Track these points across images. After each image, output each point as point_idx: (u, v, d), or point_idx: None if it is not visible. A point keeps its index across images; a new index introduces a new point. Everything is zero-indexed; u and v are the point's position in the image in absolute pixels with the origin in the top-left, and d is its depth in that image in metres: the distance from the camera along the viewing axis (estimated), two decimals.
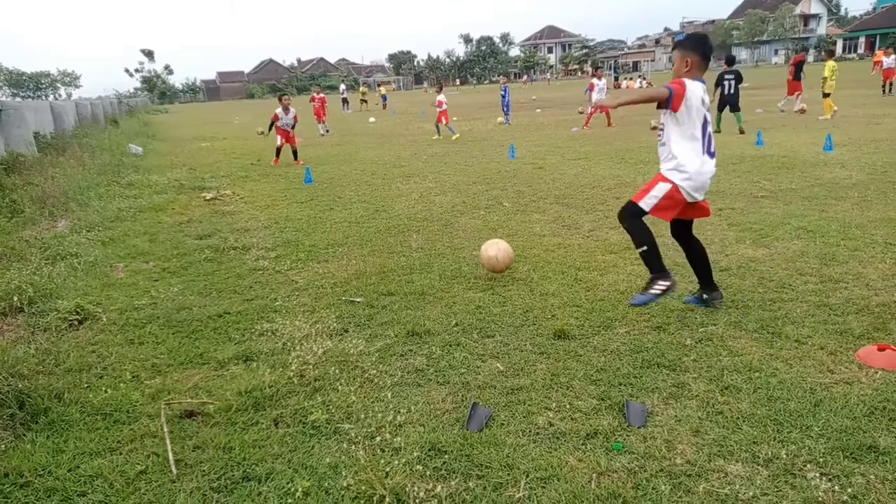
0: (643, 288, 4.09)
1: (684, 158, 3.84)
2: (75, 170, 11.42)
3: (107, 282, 5.68)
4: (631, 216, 3.96)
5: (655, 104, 3.88)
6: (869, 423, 2.83)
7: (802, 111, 16.64)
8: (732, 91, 14.37)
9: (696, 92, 3.79)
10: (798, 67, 18.20)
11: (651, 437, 2.83)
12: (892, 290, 4.36)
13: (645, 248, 3.94)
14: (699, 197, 3.94)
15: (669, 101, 3.77)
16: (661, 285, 3.95)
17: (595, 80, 18.30)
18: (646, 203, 3.91)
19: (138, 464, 2.86)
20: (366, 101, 39.85)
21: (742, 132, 13.78)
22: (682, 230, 4.18)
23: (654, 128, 6.74)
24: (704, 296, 4.25)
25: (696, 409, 3.04)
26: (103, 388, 3.58)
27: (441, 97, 17.96)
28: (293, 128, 13.71)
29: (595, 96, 17.85)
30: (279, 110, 13.33)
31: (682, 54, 3.92)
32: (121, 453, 2.96)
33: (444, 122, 17.61)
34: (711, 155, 3.92)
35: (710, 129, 3.91)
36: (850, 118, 15.51)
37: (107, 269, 6.11)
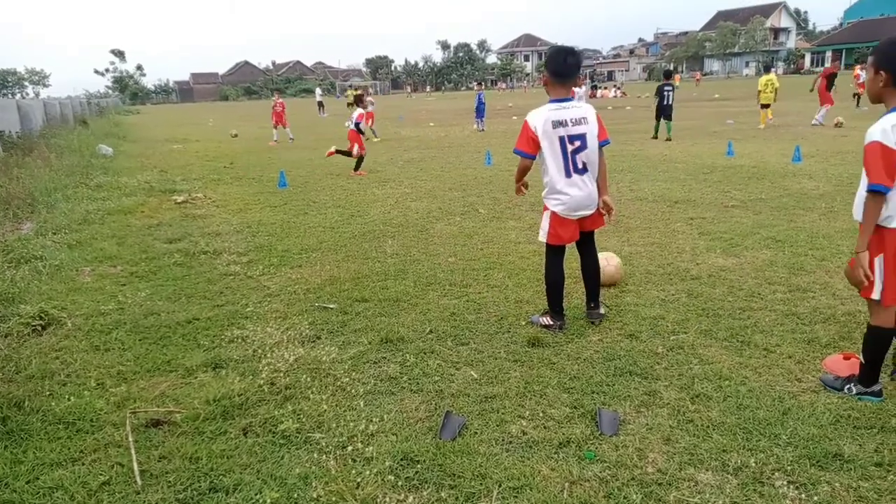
0: (542, 312, 4.34)
1: (551, 184, 4.03)
2: (42, 170, 11.15)
3: (72, 286, 5.53)
4: (547, 254, 4.23)
5: (528, 164, 4.13)
6: (835, 431, 2.87)
7: (838, 125, 16.14)
8: (669, 102, 15.47)
9: (539, 121, 3.91)
10: (830, 80, 17.72)
11: (623, 446, 2.84)
12: (858, 300, 4.45)
13: (546, 286, 4.25)
14: (583, 213, 4.06)
15: (527, 154, 4.03)
16: (548, 321, 4.21)
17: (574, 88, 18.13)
18: (543, 237, 4.15)
19: (101, 474, 2.77)
20: (353, 105, 39.10)
21: (669, 139, 15.06)
22: (580, 241, 4.24)
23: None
24: (587, 310, 4.36)
25: (667, 418, 3.06)
26: (66, 396, 3.47)
27: (369, 100, 20.14)
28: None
29: None
30: (361, 110, 12.40)
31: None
32: (83, 463, 2.87)
33: (369, 123, 19.14)
34: (580, 171, 3.96)
35: (573, 146, 3.93)
36: (819, 130, 15.89)
37: (73, 272, 5.95)
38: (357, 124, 12.23)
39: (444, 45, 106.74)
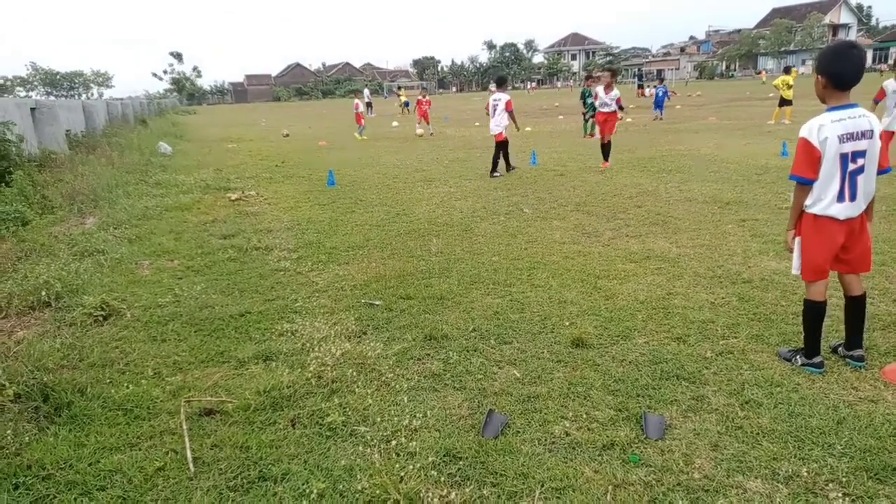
0: None
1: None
2: (104, 168, 11.65)
3: (132, 279, 5.77)
4: None
5: None
6: (894, 444, 2.76)
7: None
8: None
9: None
10: None
11: (669, 451, 2.80)
12: None
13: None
14: None
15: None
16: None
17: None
18: None
19: (157, 460, 2.90)
20: (407, 106, 38.63)
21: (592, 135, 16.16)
22: None
23: None
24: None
25: (715, 423, 3.00)
26: (125, 384, 3.64)
27: (358, 101, 22.66)
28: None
29: None
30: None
31: None
32: (140, 449, 3.01)
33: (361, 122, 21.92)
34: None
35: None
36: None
37: (132, 266, 6.21)
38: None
39: (490, 45, 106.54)
